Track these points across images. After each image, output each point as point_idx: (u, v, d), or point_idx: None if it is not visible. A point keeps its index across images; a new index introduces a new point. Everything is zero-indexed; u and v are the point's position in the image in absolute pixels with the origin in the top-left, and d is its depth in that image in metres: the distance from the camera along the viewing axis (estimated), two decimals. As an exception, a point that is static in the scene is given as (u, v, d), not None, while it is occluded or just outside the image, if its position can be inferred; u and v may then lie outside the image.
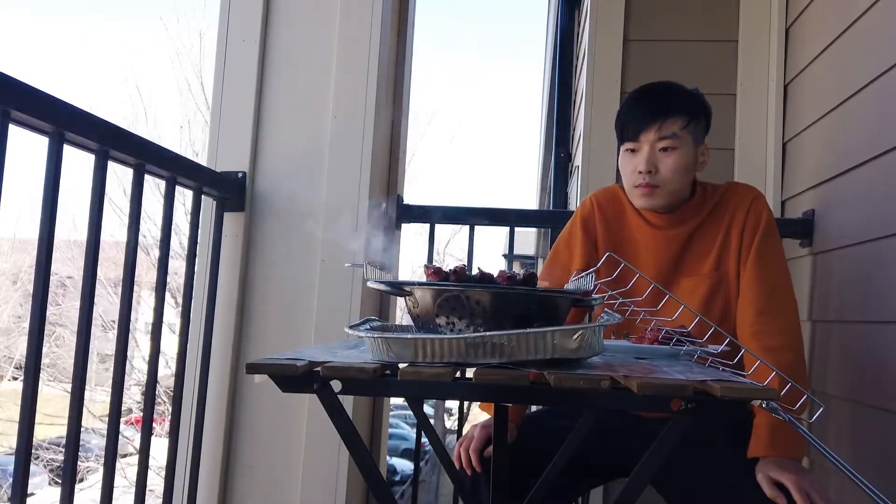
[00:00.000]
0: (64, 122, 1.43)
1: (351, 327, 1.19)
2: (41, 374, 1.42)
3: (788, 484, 1.39)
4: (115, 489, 1.67)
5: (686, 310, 1.29)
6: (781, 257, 1.72)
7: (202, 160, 2.17)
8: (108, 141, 1.57)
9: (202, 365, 2.05)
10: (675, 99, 1.71)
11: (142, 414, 1.86)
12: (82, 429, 1.58)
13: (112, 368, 1.69)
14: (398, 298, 2.17)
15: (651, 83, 1.77)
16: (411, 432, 14.36)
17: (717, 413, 1.03)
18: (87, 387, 1.56)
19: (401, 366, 1.02)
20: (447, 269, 1.13)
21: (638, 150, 1.70)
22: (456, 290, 1.07)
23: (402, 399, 2.07)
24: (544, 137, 5.65)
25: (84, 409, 1.55)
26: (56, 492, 1.85)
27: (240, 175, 2.12)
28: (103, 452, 1.67)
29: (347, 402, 1.91)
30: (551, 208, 3.98)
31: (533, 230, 6.56)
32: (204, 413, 2.04)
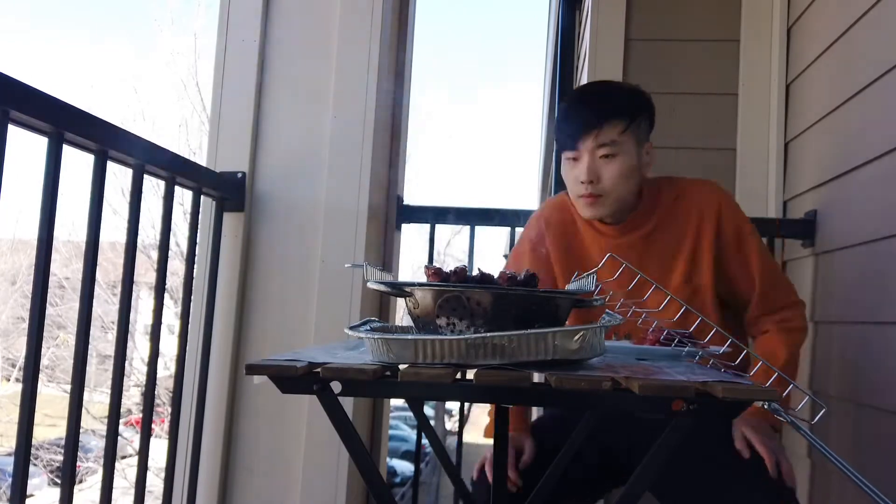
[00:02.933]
0: (63, 123, 1.43)
1: (351, 328, 1.18)
2: (40, 375, 1.41)
3: (757, 444, 1.47)
4: (114, 490, 1.67)
5: (686, 311, 1.28)
6: (767, 250, 1.73)
7: (200, 160, 2.17)
8: (108, 141, 1.57)
9: (201, 366, 2.04)
10: (612, 102, 1.64)
11: (141, 415, 1.85)
12: (81, 430, 1.58)
13: (111, 369, 1.69)
14: (398, 299, 2.16)
15: (587, 85, 1.70)
16: (411, 434, 14.36)
17: (720, 414, 1.02)
18: (85, 388, 1.55)
19: (401, 367, 1.01)
20: (447, 270, 1.12)
21: (578, 159, 1.63)
22: (456, 290, 1.07)
23: (403, 400, 2.07)
24: (545, 137, 5.64)
25: (83, 410, 1.55)
26: (55, 493, 1.85)
27: (239, 175, 2.12)
28: (102, 453, 1.67)
29: (347, 403, 1.91)
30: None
31: (533, 231, 6.56)
32: (203, 414, 2.03)
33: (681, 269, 1.64)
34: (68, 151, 1.47)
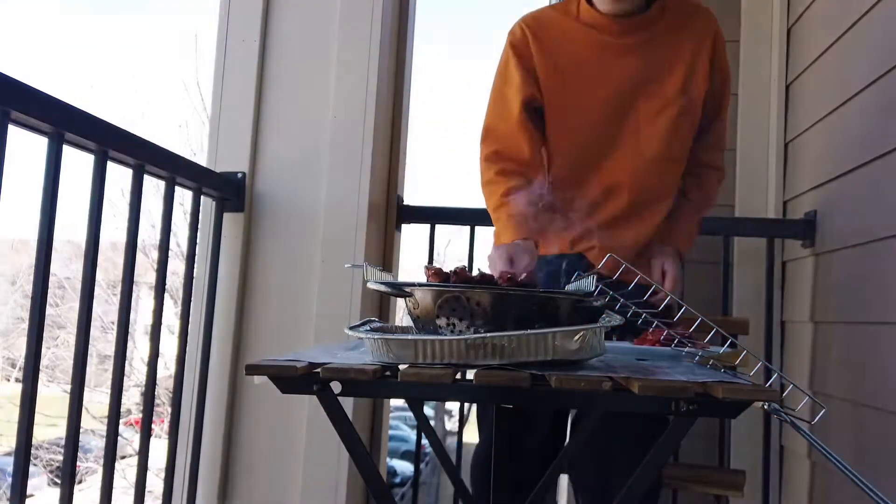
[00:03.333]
0: (63, 123, 1.43)
1: (351, 328, 1.18)
2: (40, 375, 1.41)
3: (669, 280, 1.59)
4: (114, 490, 1.67)
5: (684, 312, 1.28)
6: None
7: (200, 160, 2.17)
8: (108, 141, 1.57)
9: (201, 366, 2.04)
10: None
11: (141, 415, 1.86)
12: (81, 430, 1.58)
13: (111, 369, 1.69)
14: (398, 299, 2.16)
15: None
16: (411, 434, 14.34)
17: (719, 414, 1.02)
18: (85, 387, 1.55)
19: (401, 367, 1.01)
20: (448, 270, 1.12)
21: None
22: (456, 290, 1.07)
23: (403, 400, 2.07)
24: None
25: (83, 410, 1.55)
26: (55, 493, 1.85)
27: (239, 175, 2.12)
28: (102, 453, 1.67)
29: (347, 403, 1.90)
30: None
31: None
32: (203, 414, 2.03)
33: (678, 78, 1.63)
34: (68, 151, 1.48)
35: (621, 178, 1.63)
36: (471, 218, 2.43)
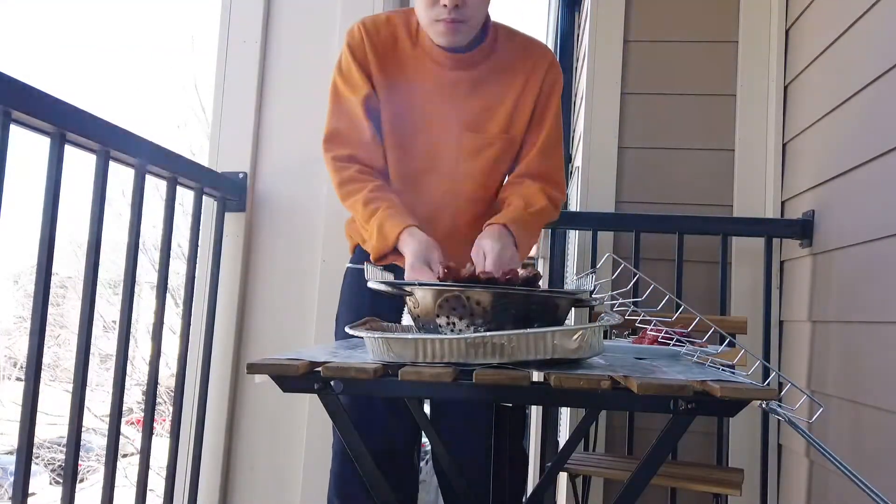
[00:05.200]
0: (65, 123, 1.44)
1: (351, 327, 1.19)
2: (42, 374, 1.42)
3: (490, 257, 1.40)
4: (115, 489, 1.68)
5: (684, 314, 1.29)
6: (561, 122, 1.68)
7: (199, 160, 2.18)
8: (109, 141, 1.58)
9: (203, 365, 2.05)
10: None
11: (142, 414, 1.86)
12: (83, 428, 1.59)
13: (113, 368, 1.70)
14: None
15: None
16: (411, 433, 14.31)
17: (717, 412, 1.03)
18: (87, 387, 1.56)
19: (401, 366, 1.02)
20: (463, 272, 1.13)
21: None
22: (456, 290, 1.07)
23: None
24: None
25: (85, 409, 1.56)
26: (57, 491, 1.85)
27: (241, 175, 2.13)
28: (104, 452, 1.67)
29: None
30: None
31: (533, 230, 6.56)
32: (205, 413, 2.04)
33: (502, 117, 1.60)
34: (70, 151, 1.48)
35: (436, 210, 1.61)
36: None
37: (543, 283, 2.65)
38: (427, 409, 1.78)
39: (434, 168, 1.62)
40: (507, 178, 1.70)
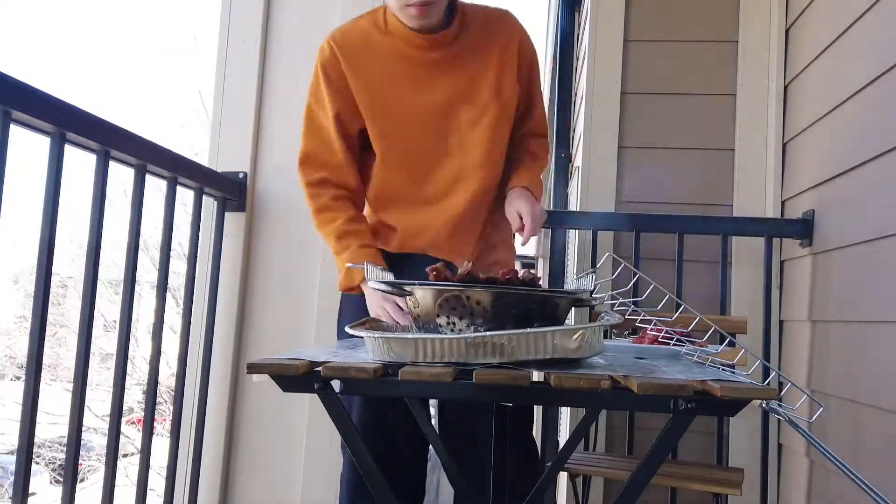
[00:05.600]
0: (65, 123, 1.44)
1: (351, 327, 1.19)
2: (42, 374, 1.42)
3: (523, 211, 1.60)
4: (116, 488, 1.68)
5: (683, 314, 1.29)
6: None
7: (201, 160, 2.18)
8: (110, 141, 1.58)
9: (203, 364, 2.05)
10: None
11: (143, 414, 1.86)
12: (83, 428, 1.59)
13: (113, 368, 1.70)
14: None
15: None
16: (412, 432, 14.29)
17: (717, 412, 1.03)
18: (87, 386, 1.56)
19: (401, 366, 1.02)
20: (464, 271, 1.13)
21: None
22: (456, 290, 1.07)
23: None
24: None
25: (85, 409, 1.56)
26: (57, 491, 1.86)
27: (241, 175, 2.13)
28: (104, 452, 1.68)
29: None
30: (552, 208, 3.99)
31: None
32: (205, 412, 2.04)
33: (490, 82, 1.66)
34: (70, 151, 1.48)
35: (453, 186, 1.68)
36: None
37: (543, 284, 2.65)
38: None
39: (440, 149, 1.67)
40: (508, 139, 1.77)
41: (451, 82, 1.65)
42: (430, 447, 1.71)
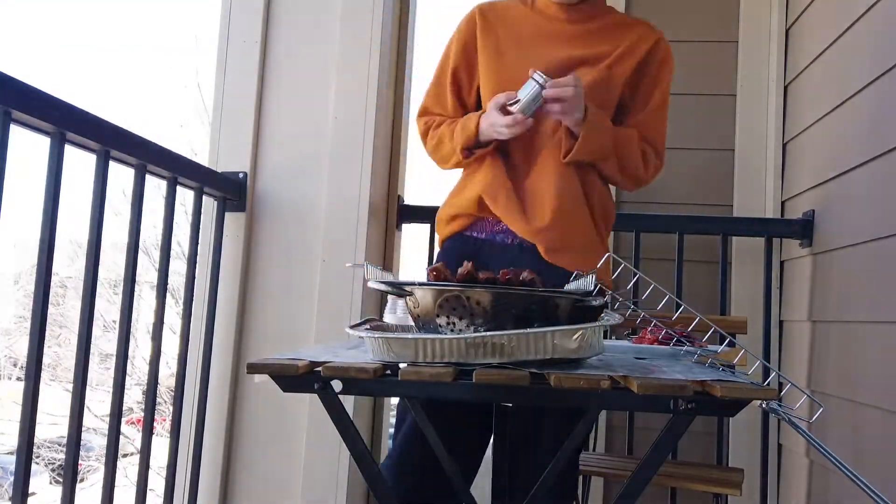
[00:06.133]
0: (65, 123, 1.44)
1: (351, 327, 1.19)
2: (42, 374, 1.42)
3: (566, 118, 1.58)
4: (115, 489, 1.68)
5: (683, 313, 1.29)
6: (667, 102, 1.77)
7: (201, 160, 2.18)
8: (110, 141, 1.58)
9: (203, 364, 2.05)
10: None
11: (142, 414, 1.86)
12: (83, 428, 1.59)
13: (113, 368, 1.70)
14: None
15: None
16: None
17: (717, 412, 1.03)
18: (87, 387, 1.56)
19: (401, 366, 1.02)
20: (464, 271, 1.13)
21: None
22: (456, 290, 1.07)
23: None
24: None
25: (85, 409, 1.56)
26: (57, 491, 1.86)
27: (241, 175, 2.13)
28: (104, 452, 1.67)
29: (348, 402, 1.91)
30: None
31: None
32: (205, 413, 2.04)
33: (612, 57, 1.69)
34: (70, 151, 1.48)
35: (548, 146, 1.65)
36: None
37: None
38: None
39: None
40: None
41: (574, 52, 1.68)
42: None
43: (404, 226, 2.44)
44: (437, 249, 1.86)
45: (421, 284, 1.11)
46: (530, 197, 1.65)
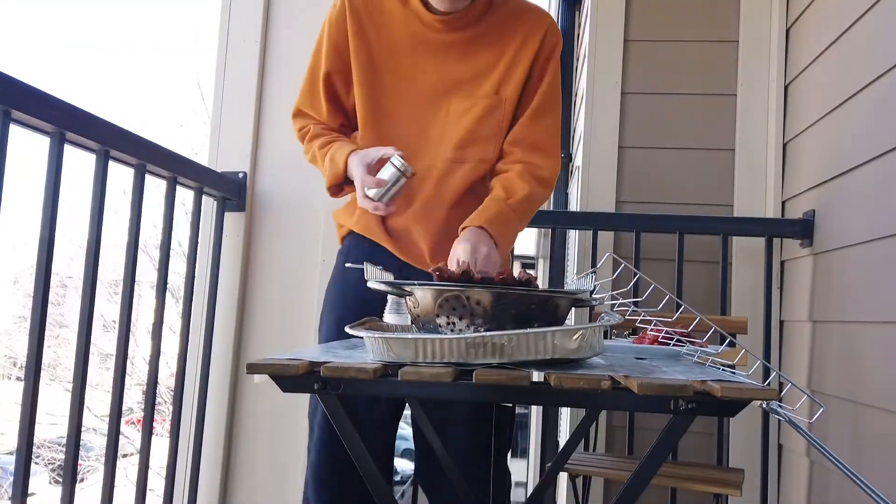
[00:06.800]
0: (65, 123, 1.44)
1: (351, 327, 1.19)
2: (42, 374, 1.42)
3: (461, 256, 1.39)
4: (115, 488, 1.68)
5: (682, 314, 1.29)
6: (560, 93, 1.62)
7: (201, 160, 2.18)
8: (109, 141, 1.58)
9: (203, 364, 2.05)
10: None
11: (142, 414, 1.86)
12: (83, 428, 1.59)
13: (113, 368, 1.70)
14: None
15: None
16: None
17: (718, 412, 1.03)
18: (87, 386, 1.56)
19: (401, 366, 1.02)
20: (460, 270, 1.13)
21: None
22: (456, 290, 1.07)
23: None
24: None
25: (84, 409, 1.56)
26: (57, 491, 1.86)
27: (240, 175, 2.13)
28: (104, 452, 1.67)
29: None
30: (551, 208, 3.99)
31: (533, 230, 6.56)
32: (205, 413, 2.04)
33: (494, 79, 1.54)
34: (70, 151, 1.48)
35: (420, 178, 1.52)
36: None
37: (543, 284, 2.65)
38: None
39: (424, 133, 1.55)
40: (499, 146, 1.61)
41: (453, 70, 1.54)
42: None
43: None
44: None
45: (421, 284, 1.11)
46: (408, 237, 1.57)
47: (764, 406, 0.99)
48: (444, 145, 1.55)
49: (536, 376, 1.02)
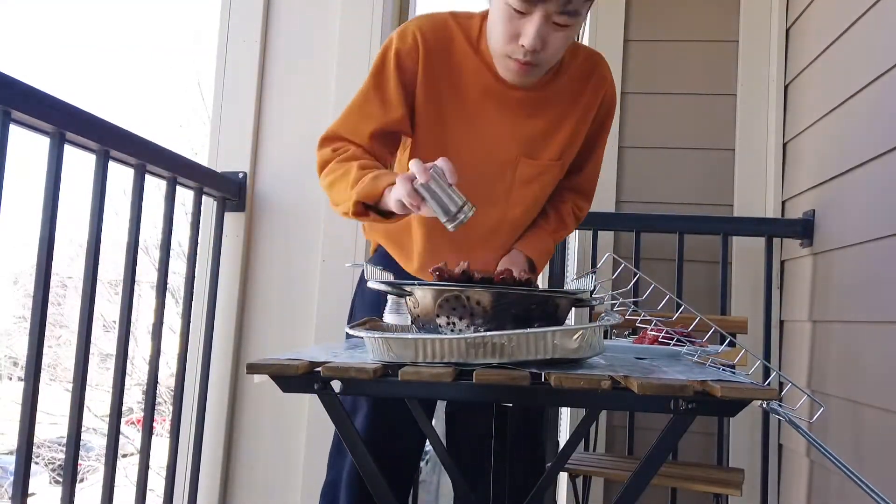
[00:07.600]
0: (64, 123, 1.44)
1: (351, 327, 1.19)
2: (42, 374, 1.42)
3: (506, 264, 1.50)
4: (115, 489, 1.68)
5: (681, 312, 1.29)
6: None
7: (201, 160, 2.18)
8: (109, 141, 1.58)
9: (203, 364, 2.05)
10: None
11: (142, 414, 1.87)
12: (83, 428, 1.59)
13: (113, 368, 1.70)
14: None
15: None
16: (412, 432, 14.27)
17: (718, 412, 1.03)
18: (87, 386, 1.56)
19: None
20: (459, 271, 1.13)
21: (528, 16, 1.29)
22: (456, 290, 1.07)
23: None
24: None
25: (84, 409, 1.56)
26: (57, 491, 1.86)
27: (240, 175, 2.13)
28: (104, 452, 1.67)
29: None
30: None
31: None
32: (205, 413, 2.04)
33: (560, 143, 1.50)
34: (70, 151, 1.48)
35: (481, 240, 1.52)
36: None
37: (543, 284, 2.65)
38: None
39: (485, 195, 1.47)
40: None
41: (524, 130, 1.47)
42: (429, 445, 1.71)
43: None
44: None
45: (421, 284, 1.11)
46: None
47: (764, 406, 0.99)
48: (511, 210, 1.53)
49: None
